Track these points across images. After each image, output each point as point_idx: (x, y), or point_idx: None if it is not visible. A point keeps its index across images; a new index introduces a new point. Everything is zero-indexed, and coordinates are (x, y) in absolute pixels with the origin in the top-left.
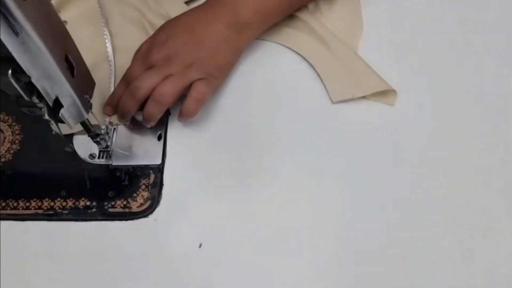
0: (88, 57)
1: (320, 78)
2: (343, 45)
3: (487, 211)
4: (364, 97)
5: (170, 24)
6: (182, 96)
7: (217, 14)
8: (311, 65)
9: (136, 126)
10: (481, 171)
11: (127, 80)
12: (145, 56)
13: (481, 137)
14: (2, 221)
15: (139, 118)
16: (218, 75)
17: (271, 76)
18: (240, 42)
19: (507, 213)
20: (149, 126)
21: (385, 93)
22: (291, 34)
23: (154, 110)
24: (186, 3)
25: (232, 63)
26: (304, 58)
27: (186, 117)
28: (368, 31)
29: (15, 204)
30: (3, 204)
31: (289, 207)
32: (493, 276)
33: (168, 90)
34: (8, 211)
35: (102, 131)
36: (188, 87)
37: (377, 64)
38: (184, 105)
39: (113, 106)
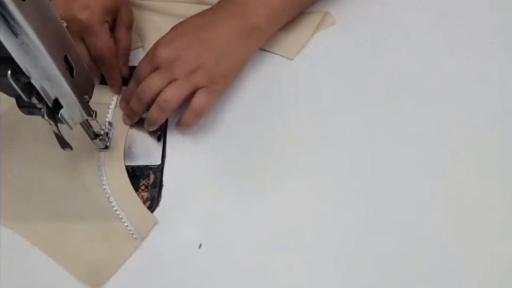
0: None
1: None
2: None
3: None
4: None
5: (180, 25)
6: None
7: (227, 17)
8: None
9: (136, 126)
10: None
11: (137, 78)
12: (152, 55)
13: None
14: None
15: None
16: (223, 81)
17: (261, 78)
18: (249, 47)
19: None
20: (150, 129)
21: (324, 20)
22: None
23: (158, 116)
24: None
25: (239, 70)
26: None
27: (184, 128)
28: None
29: None
30: None
31: (289, 207)
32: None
33: (172, 97)
34: None
35: (102, 132)
36: (192, 93)
37: None
38: (183, 117)
39: (127, 102)
